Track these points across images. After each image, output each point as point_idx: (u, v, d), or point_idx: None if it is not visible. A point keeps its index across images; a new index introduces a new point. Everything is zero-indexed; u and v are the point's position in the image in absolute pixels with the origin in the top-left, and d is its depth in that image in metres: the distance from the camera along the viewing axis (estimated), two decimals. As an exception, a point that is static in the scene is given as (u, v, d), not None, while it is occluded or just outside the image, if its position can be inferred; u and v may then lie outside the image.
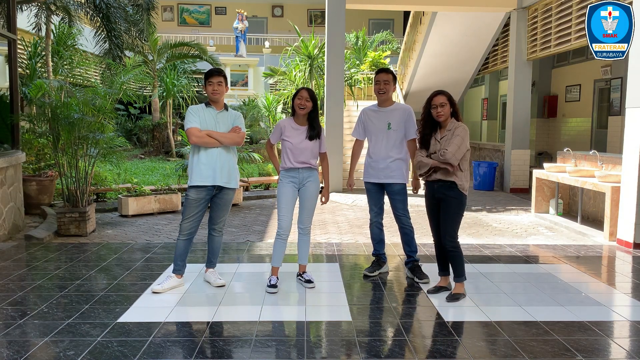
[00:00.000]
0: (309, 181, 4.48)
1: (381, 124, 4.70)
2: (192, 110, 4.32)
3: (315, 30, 13.82)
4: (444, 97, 4.10)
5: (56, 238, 6.51)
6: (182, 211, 4.41)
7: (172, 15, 26.65)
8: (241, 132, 4.40)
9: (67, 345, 3.31)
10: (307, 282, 4.53)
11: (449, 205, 4.14)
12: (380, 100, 4.76)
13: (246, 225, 7.58)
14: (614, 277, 5.18)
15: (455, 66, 13.80)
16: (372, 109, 4.85)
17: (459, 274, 4.22)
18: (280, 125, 4.49)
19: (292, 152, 4.40)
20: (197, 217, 4.37)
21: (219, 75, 4.32)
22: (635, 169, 6.04)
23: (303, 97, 4.36)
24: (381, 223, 4.91)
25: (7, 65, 7.22)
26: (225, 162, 4.33)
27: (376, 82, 4.73)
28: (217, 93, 4.31)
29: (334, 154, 10.70)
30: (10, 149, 6.94)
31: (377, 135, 4.72)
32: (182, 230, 4.37)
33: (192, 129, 4.23)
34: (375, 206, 4.86)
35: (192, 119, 4.28)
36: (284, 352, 3.26)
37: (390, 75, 4.72)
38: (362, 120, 4.86)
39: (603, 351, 3.33)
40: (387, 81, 4.69)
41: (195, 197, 4.31)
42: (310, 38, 13.43)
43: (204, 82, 4.35)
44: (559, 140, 13.73)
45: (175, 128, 17.46)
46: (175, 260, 4.47)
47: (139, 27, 13.27)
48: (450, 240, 4.16)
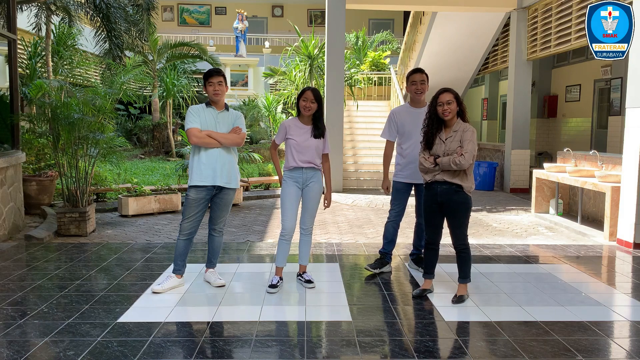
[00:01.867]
0: (312, 182, 4.44)
1: (416, 123, 4.59)
2: (193, 111, 4.31)
3: (315, 30, 13.82)
4: (450, 94, 4.01)
5: (56, 238, 6.52)
6: (182, 211, 4.40)
7: (172, 15, 26.66)
8: (242, 133, 4.39)
9: (67, 345, 3.31)
10: (307, 282, 4.53)
11: (457, 210, 4.08)
12: (417, 100, 4.76)
13: (246, 225, 7.58)
14: (614, 277, 5.18)
15: (455, 66, 13.80)
16: (404, 110, 4.84)
17: (464, 276, 4.21)
18: (284, 125, 4.46)
19: (296, 150, 4.36)
20: (198, 217, 4.37)
21: (218, 75, 4.31)
22: (635, 169, 6.04)
23: (308, 99, 4.33)
24: (398, 224, 4.91)
25: (7, 65, 7.23)
26: (226, 162, 4.33)
27: (412, 83, 4.71)
28: (218, 93, 4.30)
29: (334, 153, 10.70)
30: (10, 149, 6.94)
31: (412, 136, 4.68)
32: (183, 230, 4.37)
33: (193, 129, 4.23)
34: (398, 206, 4.86)
35: (193, 119, 4.27)
36: (284, 352, 3.26)
37: (424, 75, 4.73)
38: (395, 121, 4.83)
39: (603, 351, 3.33)
40: (423, 81, 4.69)
41: (195, 196, 4.31)
42: (310, 38, 13.42)
43: (204, 82, 4.35)
44: (559, 140, 13.73)
45: (176, 128, 17.46)
46: (176, 260, 4.46)
47: (139, 27, 13.27)
48: (462, 242, 4.15)
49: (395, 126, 4.83)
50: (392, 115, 4.87)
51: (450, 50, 13.23)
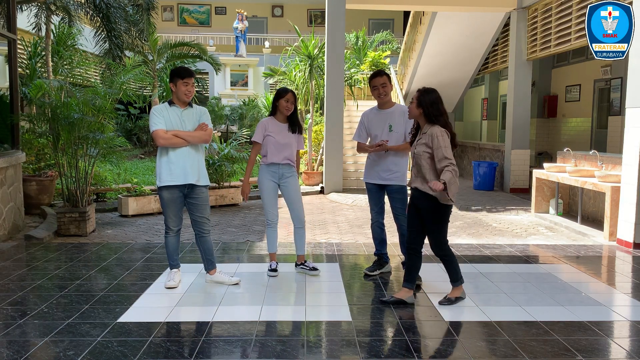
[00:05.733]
0: (289, 177, 4.77)
1: (383, 125, 4.71)
2: (156, 111, 4.27)
3: (315, 30, 13.80)
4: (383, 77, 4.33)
5: (56, 238, 6.51)
6: (163, 212, 4.42)
7: (172, 15, 26.66)
8: (208, 129, 4.36)
9: (67, 345, 3.31)
10: (313, 269, 4.83)
11: (427, 217, 4.01)
12: (381, 103, 4.76)
13: (246, 225, 7.58)
14: (614, 277, 5.18)
15: (455, 66, 13.81)
16: (372, 112, 4.86)
17: (454, 279, 4.14)
18: (263, 123, 4.77)
19: (276, 147, 4.67)
20: (178, 212, 4.41)
21: (192, 75, 4.31)
22: (635, 169, 6.04)
23: (290, 100, 4.68)
24: (382, 223, 4.93)
25: (7, 65, 7.23)
26: (195, 160, 4.33)
27: (374, 88, 4.70)
28: (189, 95, 4.30)
29: (334, 153, 10.71)
30: (10, 149, 6.94)
31: (379, 137, 4.73)
32: (171, 228, 4.41)
33: (159, 131, 4.20)
34: (376, 206, 4.88)
35: (157, 121, 4.23)
36: (283, 352, 3.26)
37: (385, 77, 4.69)
38: (364, 123, 4.87)
39: (603, 351, 3.33)
40: (384, 84, 4.67)
41: (170, 196, 4.32)
42: (310, 38, 13.41)
43: (175, 79, 4.26)
44: (559, 140, 13.73)
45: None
46: (171, 256, 4.53)
47: (139, 27, 13.25)
48: (439, 250, 4.08)
49: (364, 128, 4.88)
50: (362, 117, 4.93)
51: (450, 50, 13.23)
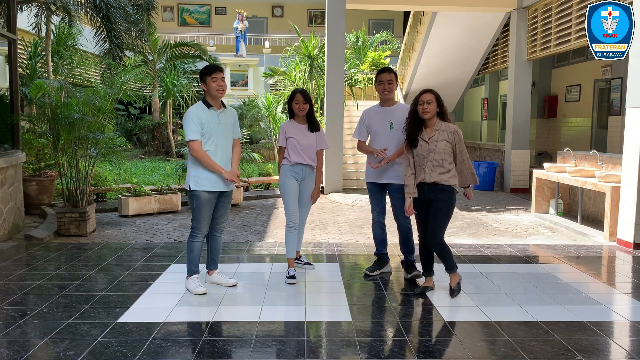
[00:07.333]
0: (308, 179, 4.76)
1: (383, 123, 4.69)
2: (193, 117, 4.17)
3: (315, 30, 13.81)
4: (431, 95, 4.18)
5: (56, 238, 6.51)
6: (195, 214, 4.32)
7: (172, 15, 26.65)
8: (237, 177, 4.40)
9: (67, 345, 3.31)
10: (307, 264, 4.98)
11: (440, 207, 4.18)
12: (385, 99, 4.75)
13: (246, 225, 7.58)
14: (614, 277, 5.18)
15: (456, 66, 13.80)
16: (374, 109, 4.85)
17: (450, 267, 4.28)
18: (283, 127, 4.77)
19: (299, 148, 4.66)
20: (210, 216, 4.38)
21: (221, 70, 4.31)
22: (635, 169, 6.04)
23: (300, 101, 4.65)
24: (383, 223, 4.92)
25: (7, 65, 7.22)
26: (228, 166, 4.39)
27: (379, 82, 4.70)
28: (222, 89, 4.26)
29: (334, 153, 10.70)
30: (10, 149, 6.94)
31: (380, 135, 4.71)
32: (200, 232, 4.33)
33: (195, 144, 4.16)
34: (377, 206, 4.86)
35: (194, 129, 4.16)
36: (284, 352, 3.26)
37: (392, 75, 4.71)
38: (365, 121, 4.84)
39: (603, 351, 3.33)
40: (390, 80, 4.67)
41: (208, 198, 4.28)
42: (310, 38, 13.43)
43: (204, 77, 4.23)
44: (559, 140, 13.73)
45: (176, 128, 17.46)
46: (194, 261, 4.39)
47: (139, 27, 13.25)
48: (436, 241, 4.21)
49: (365, 126, 4.86)
50: (362, 115, 4.90)
51: (450, 50, 13.23)
